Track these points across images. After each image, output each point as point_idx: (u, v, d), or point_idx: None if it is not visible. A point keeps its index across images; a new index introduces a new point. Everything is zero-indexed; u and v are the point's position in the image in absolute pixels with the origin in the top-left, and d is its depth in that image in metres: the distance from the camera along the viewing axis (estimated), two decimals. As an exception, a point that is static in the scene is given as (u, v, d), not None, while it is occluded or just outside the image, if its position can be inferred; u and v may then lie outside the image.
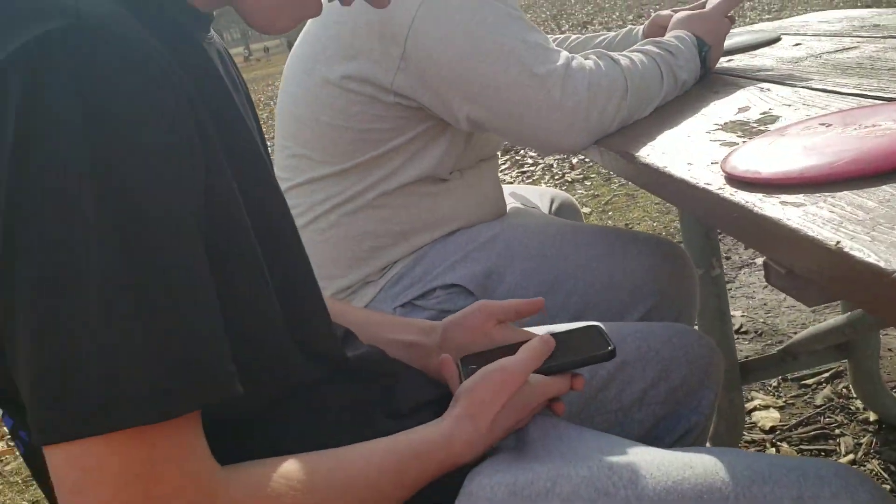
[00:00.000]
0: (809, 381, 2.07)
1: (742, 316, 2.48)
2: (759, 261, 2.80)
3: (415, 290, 1.27)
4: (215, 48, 0.78)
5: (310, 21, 1.31)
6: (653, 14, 1.59)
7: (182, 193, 0.56)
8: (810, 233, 0.61)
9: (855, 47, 1.34)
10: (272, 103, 12.41)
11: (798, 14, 2.50)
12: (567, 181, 4.26)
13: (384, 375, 0.86)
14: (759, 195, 0.71)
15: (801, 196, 0.68)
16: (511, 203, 1.52)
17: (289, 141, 1.32)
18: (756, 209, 0.69)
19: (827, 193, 0.68)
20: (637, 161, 0.99)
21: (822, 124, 0.85)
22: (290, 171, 1.32)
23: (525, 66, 1.11)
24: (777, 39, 1.60)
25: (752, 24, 1.87)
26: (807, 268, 0.63)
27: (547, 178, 4.44)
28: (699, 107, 1.16)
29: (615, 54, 1.21)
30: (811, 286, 0.68)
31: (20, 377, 0.52)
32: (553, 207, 1.67)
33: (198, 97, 0.61)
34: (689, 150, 0.94)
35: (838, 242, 0.58)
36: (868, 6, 7.07)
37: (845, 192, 0.67)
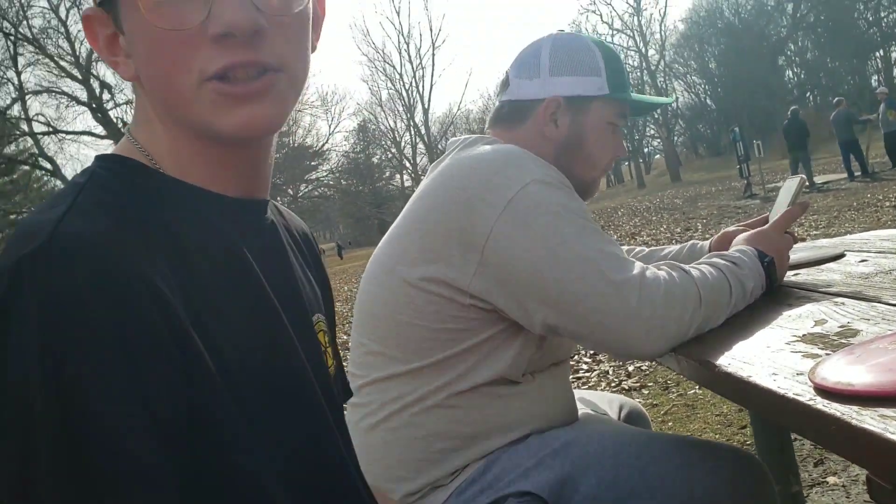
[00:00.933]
0: None
1: (818, 539, 2.33)
2: (832, 479, 2.67)
3: (486, 497, 1.24)
4: (274, 227, 0.84)
5: (392, 225, 1.39)
6: (722, 230, 1.65)
7: (144, 419, 0.57)
8: (917, 447, 0.60)
9: (923, 264, 1.36)
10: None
11: (845, 232, 2.55)
12: (624, 389, 4.21)
13: None
14: (855, 407, 0.71)
15: (899, 409, 0.68)
16: (581, 409, 1.51)
17: (364, 338, 1.37)
18: (855, 422, 0.68)
19: (927, 407, 0.67)
20: (718, 370, 1.00)
21: (909, 338, 0.86)
22: (365, 369, 1.35)
23: (602, 275, 1.15)
24: (842, 255, 1.63)
25: (801, 240, 1.92)
26: (916, 483, 0.62)
27: (603, 384, 4.40)
28: (773, 318, 1.17)
29: (685, 266, 1.25)
30: (920, 504, 0.66)
31: None
32: (622, 414, 1.65)
33: (191, 306, 0.64)
34: (771, 360, 0.95)
35: (949, 457, 0.57)
36: (918, 224, 7.15)
37: (945, 407, 0.66)
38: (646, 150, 67.65)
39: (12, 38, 30.68)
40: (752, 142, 19.12)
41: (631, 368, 4.54)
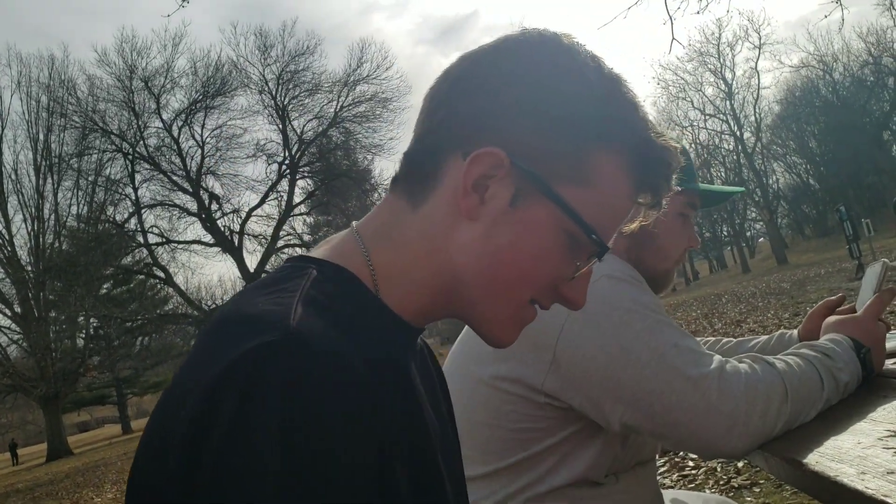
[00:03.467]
0: None
1: None
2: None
3: None
4: (422, 356, 0.85)
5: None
6: (808, 313, 1.59)
7: None
8: None
9: None
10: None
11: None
12: (733, 487, 3.98)
13: None
14: (946, 511, 0.66)
15: None
16: (672, 510, 1.45)
17: None
18: (944, 526, 0.63)
19: None
20: (805, 468, 0.94)
21: None
22: None
23: (678, 370, 1.12)
24: (944, 342, 1.53)
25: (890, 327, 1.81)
26: None
27: (711, 482, 4.18)
28: (866, 411, 1.11)
29: (770, 357, 1.20)
30: None
31: None
32: (717, 517, 1.57)
33: (392, 415, 0.64)
34: (861, 458, 0.89)
35: None
36: None
37: None
38: (748, 233, 65.98)
39: (130, 157, 32.99)
40: (860, 220, 18.40)
41: (741, 465, 4.31)
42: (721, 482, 4.14)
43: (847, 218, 17.66)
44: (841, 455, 0.93)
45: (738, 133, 49.64)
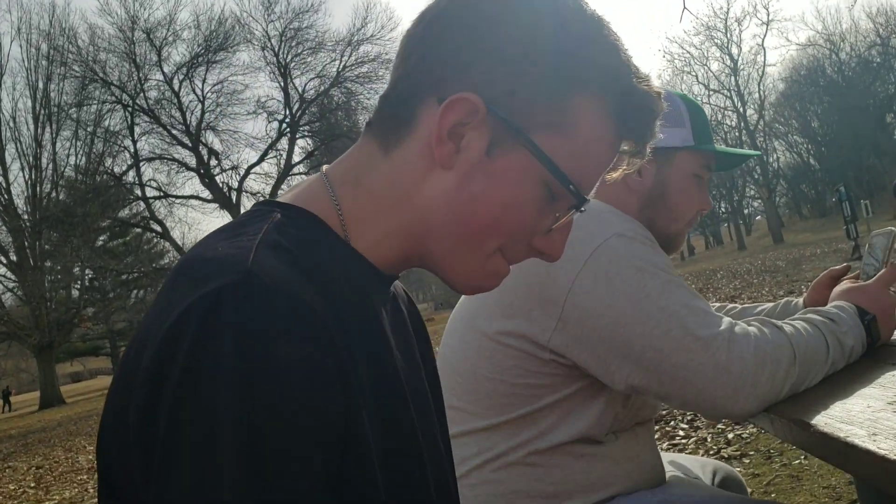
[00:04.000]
0: None
1: None
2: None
3: (568, 559, 1.20)
4: (395, 303, 0.83)
5: None
6: (814, 281, 1.58)
7: (319, 454, 0.57)
8: None
9: None
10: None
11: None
12: (723, 457, 4.02)
13: None
14: (962, 470, 0.66)
15: None
16: (670, 471, 1.45)
17: (445, 393, 1.35)
18: (961, 485, 0.63)
19: None
20: (814, 430, 0.94)
21: None
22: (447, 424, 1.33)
23: (688, 330, 1.12)
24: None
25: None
26: None
27: (700, 451, 4.22)
28: (874, 378, 1.10)
29: (778, 322, 1.20)
30: None
31: None
32: (716, 480, 1.57)
33: (354, 357, 0.64)
34: (872, 420, 0.89)
35: None
36: None
37: None
38: (746, 211, 65.98)
39: (130, 109, 32.76)
40: (859, 202, 18.39)
41: (731, 436, 4.34)
42: (711, 452, 4.18)
43: (846, 198, 17.67)
44: (851, 417, 0.93)
45: (741, 109, 49.47)
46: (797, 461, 3.63)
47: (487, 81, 0.71)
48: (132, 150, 33.36)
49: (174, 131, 33.50)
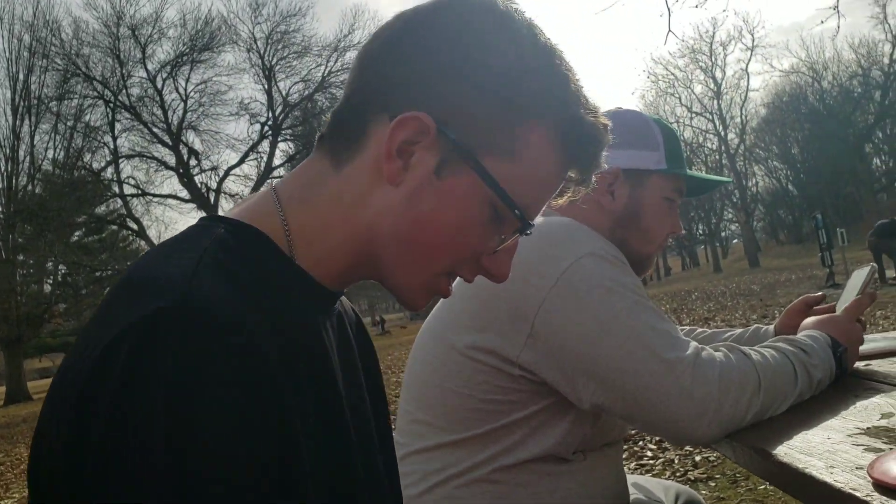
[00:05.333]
0: None
1: None
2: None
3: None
4: (341, 320, 0.83)
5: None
6: (787, 308, 1.60)
7: (249, 494, 0.55)
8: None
9: None
10: (389, 371, 12.72)
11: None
12: (689, 480, 4.03)
13: None
14: (916, 507, 0.66)
15: (964, 512, 0.63)
16: (633, 493, 1.45)
17: (411, 405, 1.35)
18: (913, 522, 0.63)
19: None
20: (773, 459, 0.94)
21: (981, 437, 0.80)
22: (409, 437, 1.32)
23: (654, 352, 1.12)
24: (918, 347, 1.54)
25: (884, 332, 1.84)
26: None
27: (668, 473, 4.23)
28: (839, 409, 1.11)
29: (746, 348, 1.20)
30: None
31: None
32: (678, 503, 1.57)
33: (294, 381, 0.63)
34: (831, 452, 0.89)
35: None
36: None
37: None
38: (723, 234, 66.57)
39: (111, 105, 32.47)
40: (835, 230, 18.61)
41: (698, 458, 4.36)
42: (678, 474, 4.19)
43: (823, 226, 17.87)
44: (810, 448, 0.93)
45: (722, 133, 49.93)
46: (762, 486, 3.65)
47: (439, 102, 0.71)
48: (112, 147, 33.04)
49: (155, 129, 33.24)
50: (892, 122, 49.37)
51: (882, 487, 0.72)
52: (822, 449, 0.92)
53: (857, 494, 0.73)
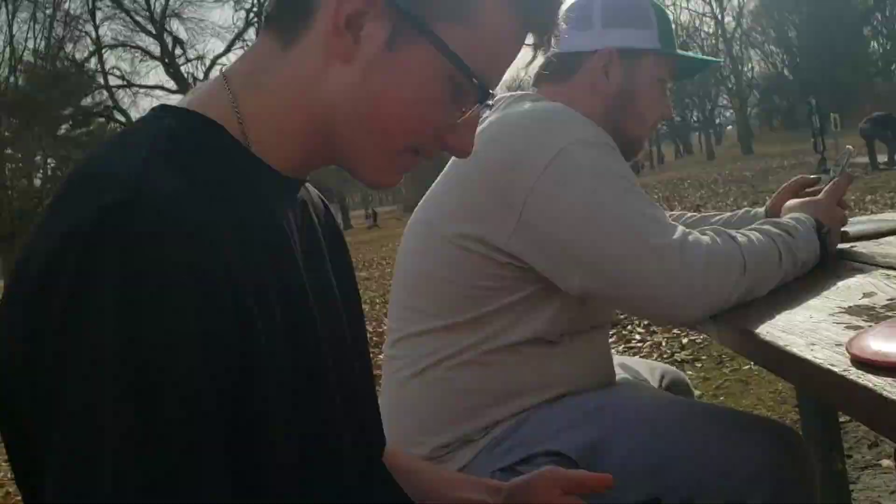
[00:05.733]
0: None
1: (867, 522, 2.27)
2: (886, 462, 2.59)
3: (516, 454, 1.24)
4: (305, 208, 0.81)
5: (435, 182, 1.38)
6: (777, 191, 1.61)
7: (206, 382, 0.56)
8: (949, 422, 0.57)
9: None
10: (384, 262, 12.86)
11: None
12: (676, 361, 4.15)
13: None
14: (890, 380, 0.68)
15: (937, 384, 0.65)
16: (620, 374, 1.49)
17: (402, 293, 1.37)
18: (886, 393, 0.66)
19: (966, 383, 0.64)
20: (756, 338, 0.97)
21: (958, 313, 0.82)
22: (402, 323, 1.35)
23: (642, 238, 1.13)
24: (903, 229, 1.56)
25: (871, 215, 1.87)
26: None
27: (655, 356, 4.34)
28: (821, 289, 1.13)
29: (733, 231, 1.21)
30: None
31: None
32: (664, 383, 1.62)
33: (254, 273, 0.62)
34: (812, 330, 0.91)
35: (981, 434, 0.54)
36: None
37: None
38: (717, 121, 65.96)
39: (91, -9, 31.37)
40: (829, 115, 18.46)
41: (685, 341, 4.47)
42: (665, 356, 4.30)
43: (816, 111, 17.74)
44: (792, 327, 0.96)
45: (719, 16, 48.73)
46: (746, 367, 3.76)
47: None
48: (94, 36, 32.18)
49: (137, 17, 32.30)
50: (893, 3, 48.17)
51: (859, 362, 0.74)
52: (804, 328, 0.94)
53: (835, 369, 0.75)
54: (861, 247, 1.42)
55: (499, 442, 1.26)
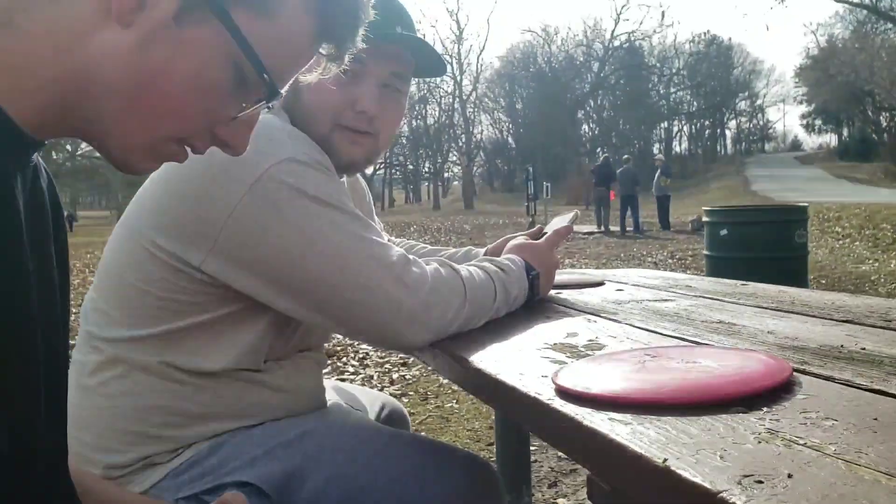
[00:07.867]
0: None
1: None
2: (561, 501, 2.81)
3: (204, 483, 1.13)
4: (36, 176, 0.70)
5: (149, 178, 1.25)
6: (503, 238, 1.69)
7: None
8: (639, 449, 0.61)
9: (672, 300, 1.45)
10: (86, 270, 11.82)
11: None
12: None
13: None
14: (588, 409, 0.72)
15: (628, 415, 0.69)
16: (334, 398, 1.45)
17: (95, 293, 1.22)
18: (585, 422, 0.69)
19: (653, 416, 0.69)
20: (469, 366, 0.99)
21: (648, 355, 0.89)
22: (91, 325, 1.20)
23: (362, 263, 1.10)
24: (601, 283, 1.72)
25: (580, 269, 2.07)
26: (632, 485, 0.63)
27: (366, 388, 4.39)
28: (530, 327, 1.20)
29: (455, 264, 1.24)
30: (633, 507, 0.67)
31: None
32: (383, 414, 1.61)
33: None
34: (520, 361, 0.95)
35: (665, 460, 0.58)
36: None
37: (669, 417, 0.68)
38: (446, 175, 69.70)
39: None
40: (542, 183, 20.32)
41: (395, 376, 4.58)
42: (376, 389, 4.35)
43: (532, 178, 19.46)
44: (504, 358, 0.99)
45: (458, 78, 51.91)
46: (449, 405, 3.92)
47: None
48: None
49: None
50: (604, 94, 54.54)
51: (562, 393, 0.78)
52: (515, 359, 0.97)
53: (542, 398, 0.78)
54: (567, 294, 1.54)
55: (188, 467, 1.15)
